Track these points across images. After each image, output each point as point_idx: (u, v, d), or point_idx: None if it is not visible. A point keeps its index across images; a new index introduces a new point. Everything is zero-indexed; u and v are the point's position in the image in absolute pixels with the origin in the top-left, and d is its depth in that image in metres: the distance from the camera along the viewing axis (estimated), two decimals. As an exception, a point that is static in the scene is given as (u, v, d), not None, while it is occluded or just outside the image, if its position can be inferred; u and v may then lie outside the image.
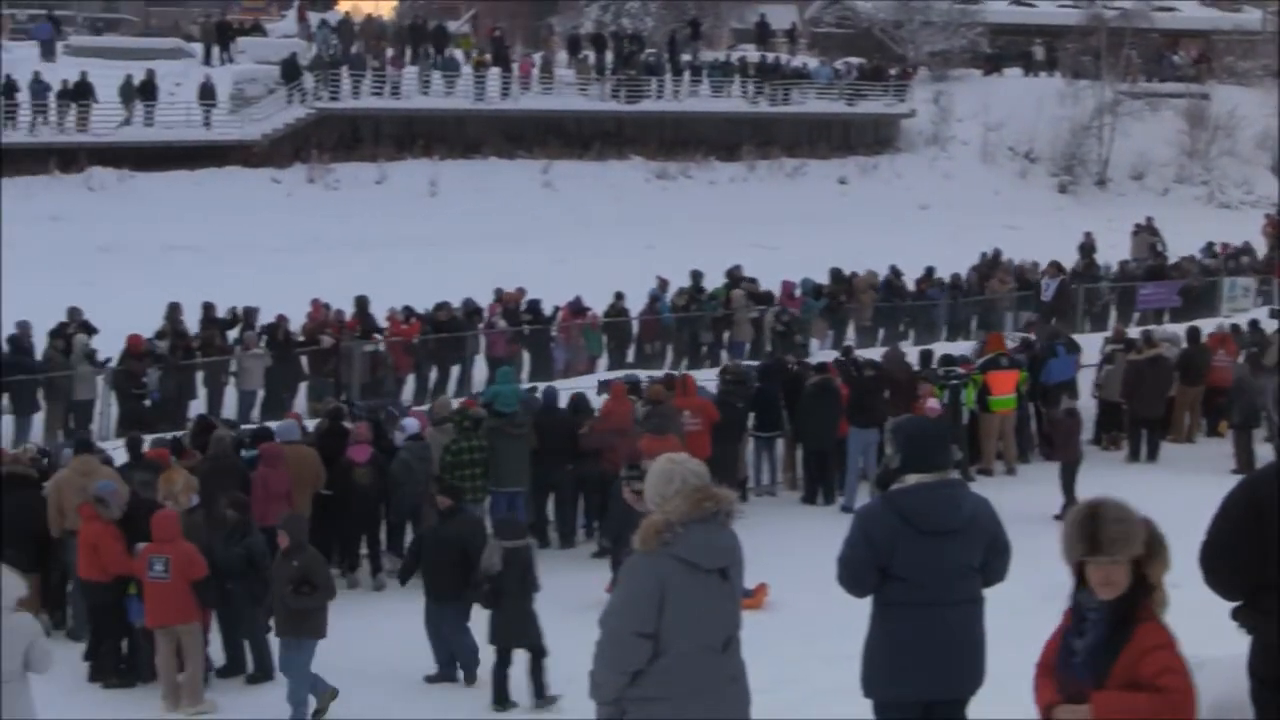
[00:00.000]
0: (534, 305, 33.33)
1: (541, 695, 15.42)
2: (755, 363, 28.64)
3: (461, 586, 16.01)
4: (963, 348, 30.22)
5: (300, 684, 15.05)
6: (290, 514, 15.80)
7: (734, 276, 36.26)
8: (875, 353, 28.76)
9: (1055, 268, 39.18)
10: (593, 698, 8.54)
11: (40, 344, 28.43)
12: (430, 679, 16.36)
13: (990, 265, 40.53)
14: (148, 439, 20.73)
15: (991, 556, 9.12)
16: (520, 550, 15.62)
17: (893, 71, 68.65)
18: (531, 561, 15.77)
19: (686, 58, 65.82)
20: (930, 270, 38.58)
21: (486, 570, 15.48)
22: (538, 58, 64.63)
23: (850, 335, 35.62)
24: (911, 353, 28.17)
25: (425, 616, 16.41)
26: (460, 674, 16.29)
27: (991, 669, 9.16)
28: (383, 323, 31.64)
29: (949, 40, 72.54)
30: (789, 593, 17.90)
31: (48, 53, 57.57)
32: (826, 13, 79.20)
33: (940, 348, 29.69)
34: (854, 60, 69.31)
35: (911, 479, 9.05)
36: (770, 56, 68.38)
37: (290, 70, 56.65)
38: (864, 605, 9.20)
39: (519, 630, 15.38)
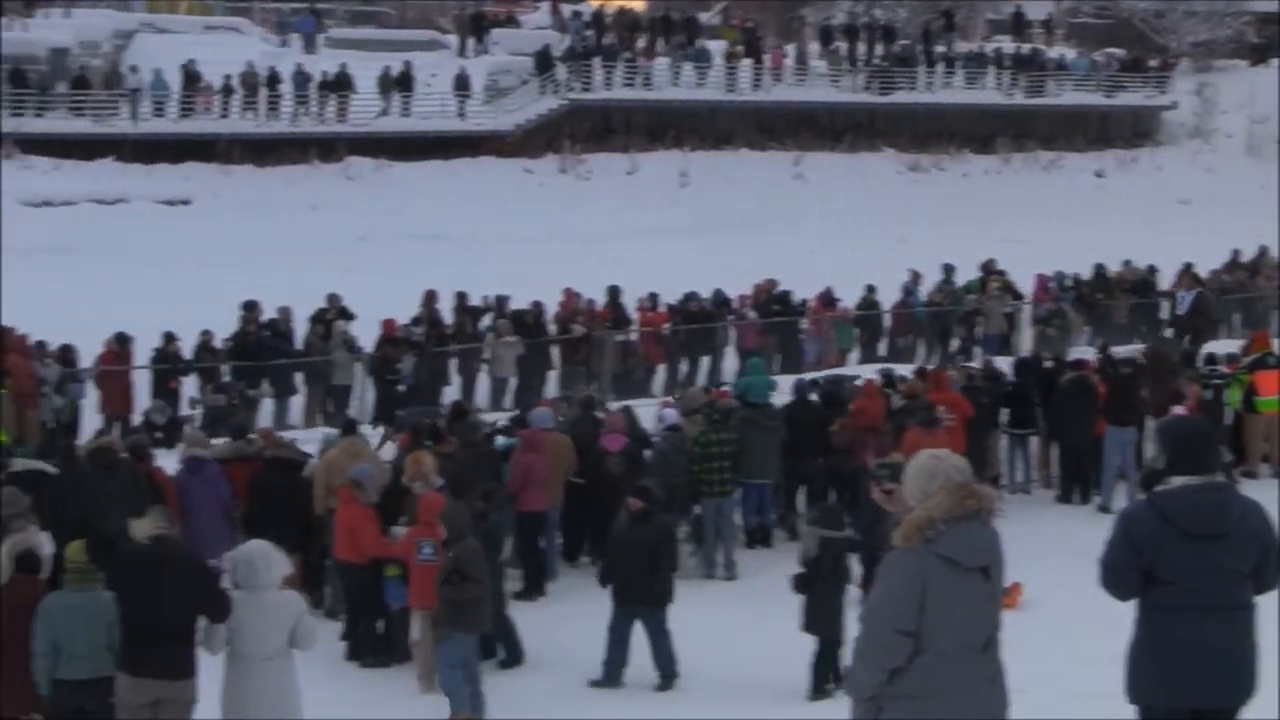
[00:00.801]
0: (783, 297, 33.20)
1: (819, 687, 15.33)
2: (1007, 358, 28.24)
3: (651, 591, 15.82)
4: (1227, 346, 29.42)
5: (449, 675, 14.87)
6: (451, 505, 15.64)
7: (987, 270, 35.79)
8: (1133, 350, 28.17)
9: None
10: (849, 694, 8.47)
11: (300, 329, 29.02)
12: (594, 683, 15.98)
13: (1256, 262, 39.35)
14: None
15: (1264, 562, 8.84)
16: (836, 540, 15.40)
17: (1153, 63, 67.32)
18: (846, 552, 15.63)
19: (940, 49, 65.18)
20: (1188, 266, 37.62)
21: (804, 556, 15.39)
22: (790, 49, 64.45)
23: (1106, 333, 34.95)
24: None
25: (611, 621, 16.04)
26: (659, 678, 15.94)
27: (1266, 679, 8.89)
28: (633, 314, 31.77)
29: (1213, 30, 70.99)
30: (1044, 592, 17.57)
31: (309, 45, 58.85)
32: (1084, 3, 77.84)
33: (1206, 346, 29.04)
34: (1113, 51, 68.09)
35: (1177, 481, 8.83)
36: (1025, 48, 67.42)
37: (543, 62, 57.21)
38: (1121, 606, 9.01)
39: (825, 620, 15.24)
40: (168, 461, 19.29)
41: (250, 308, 28.73)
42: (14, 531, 13.88)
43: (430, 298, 30.80)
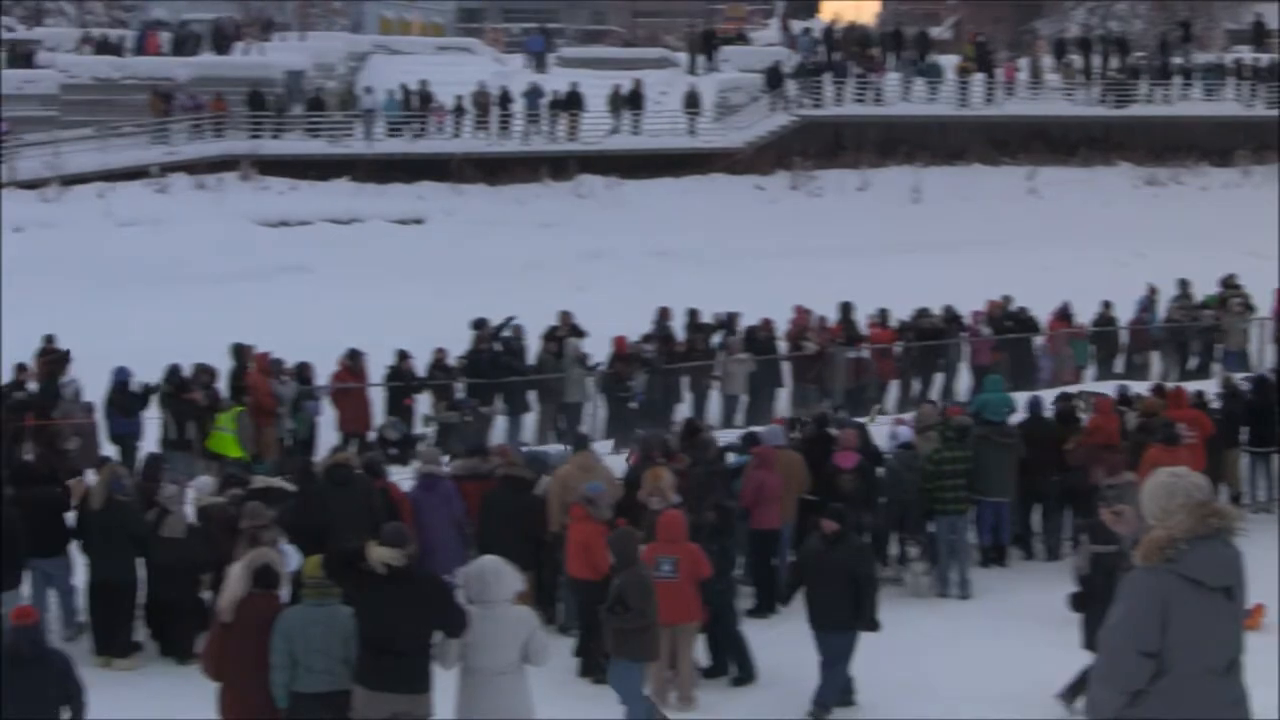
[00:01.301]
0: (1017, 313, 32.72)
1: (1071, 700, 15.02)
2: (1247, 374, 27.55)
3: (848, 616, 15.42)
4: None
5: (633, 707, 14.78)
6: (619, 530, 15.41)
7: (1227, 285, 34.96)
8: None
9: None
10: (1089, 715, 8.28)
11: (533, 347, 29.19)
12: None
13: None
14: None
15: None
16: (1109, 555, 14.96)
17: (1404, 69, 65.20)
18: (1118, 567, 15.27)
19: (1177, 60, 63.91)
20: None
21: (1077, 573, 15.13)
22: (1023, 62, 63.67)
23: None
24: None
25: (816, 645, 15.73)
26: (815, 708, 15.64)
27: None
28: (865, 330, 31.54)
29: None
30: (1288, 614, 17.13)
31: (540, 64, 59.43)
32: (1328, 11, 75.86)
33: None
34: (1360, 58, 66.12)
35: None
36: (1265, 58, 65.84)
37: (773, 78, 57.14)
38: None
39: None
40: (402, 478, 19.56)
41: (481, 325, 28.99)
42: (263, 544, 14.15)
43: (662, 314, 30.94)
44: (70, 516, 17.98)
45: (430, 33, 69.39)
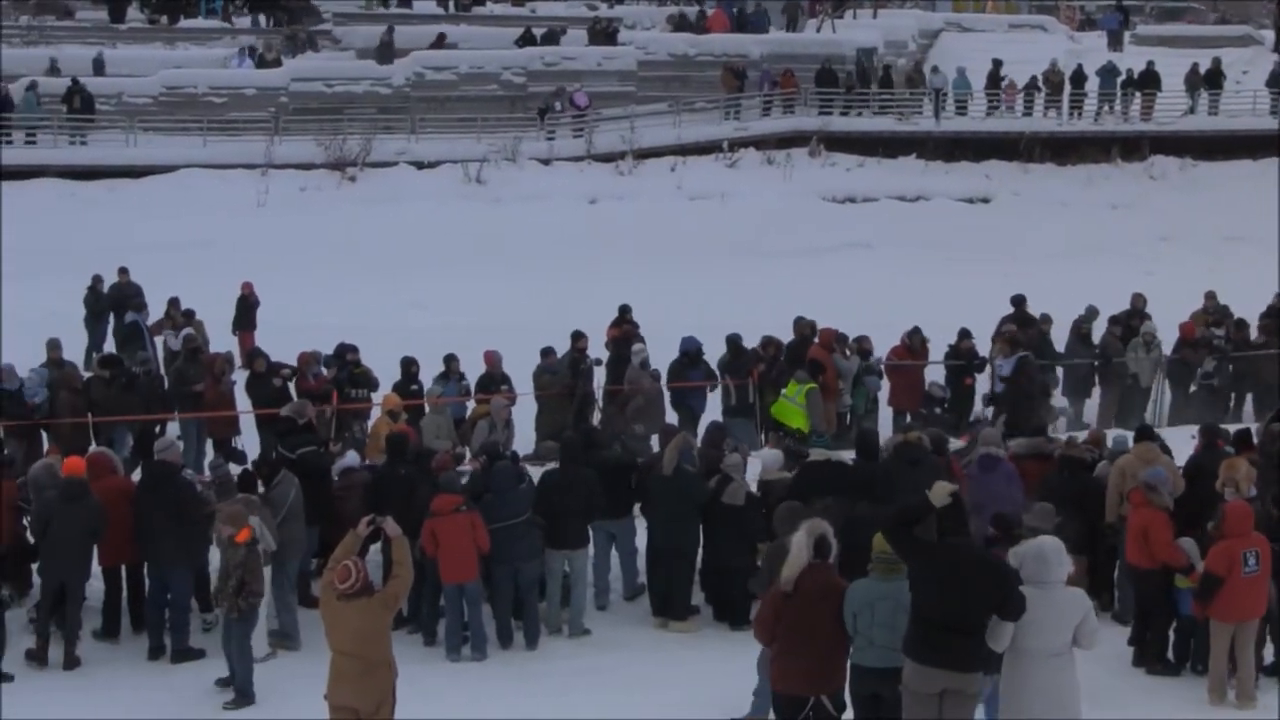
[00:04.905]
0: None
1: None
2: None
3: None
4: None
5: None
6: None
7: None
8: None
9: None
10: None
11: (1099, 330, 28.59)
12: None
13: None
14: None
15: None
16: None
17: None
18: None
19: None
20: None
21: None
22: None
23: None
24: None
25: None
26: None
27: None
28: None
29: None
30: None
31: (1115, 42, 58.28)
32: None
33: None
34: None
35: None
36: None
37: (1365, 56, 54.59)
38: None
39: None
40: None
41: (1019, 304, 28.89)
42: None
43: (1210, 295, 30.07)
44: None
45: (1003, 11, 68.58)
